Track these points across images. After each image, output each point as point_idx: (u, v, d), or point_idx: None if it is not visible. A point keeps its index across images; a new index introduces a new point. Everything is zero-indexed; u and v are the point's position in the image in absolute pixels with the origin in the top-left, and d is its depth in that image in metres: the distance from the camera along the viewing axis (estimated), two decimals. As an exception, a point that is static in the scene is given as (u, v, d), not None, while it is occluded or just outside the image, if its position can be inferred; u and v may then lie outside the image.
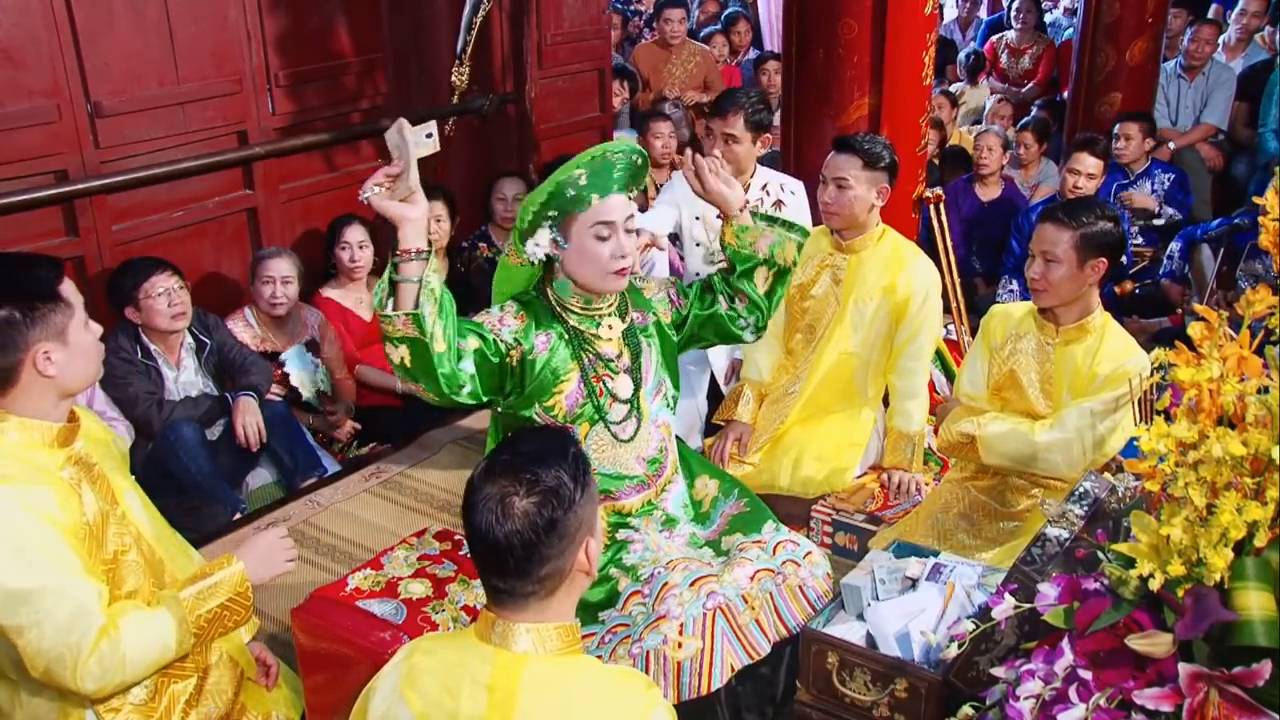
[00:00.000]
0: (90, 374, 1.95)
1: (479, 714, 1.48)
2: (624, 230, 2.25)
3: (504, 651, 1.50)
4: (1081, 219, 2.63)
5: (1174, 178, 5.27)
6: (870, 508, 3.13)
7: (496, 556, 1.48)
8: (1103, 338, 2.70)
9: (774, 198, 3.56)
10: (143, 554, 1.96)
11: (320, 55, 4.20)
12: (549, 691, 1.49)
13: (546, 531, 1.47)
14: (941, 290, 3.29)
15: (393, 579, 2.19)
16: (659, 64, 6.56)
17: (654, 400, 2.43)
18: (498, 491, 1.48)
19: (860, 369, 3.23)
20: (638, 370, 2.40)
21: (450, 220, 4.40)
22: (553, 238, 2.23)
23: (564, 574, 1.52)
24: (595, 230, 2.22)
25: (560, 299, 2.33)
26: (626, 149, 2.25)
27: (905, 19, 3.77)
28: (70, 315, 1.86)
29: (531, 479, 1.48)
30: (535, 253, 2.24)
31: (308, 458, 3.62)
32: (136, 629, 1.80)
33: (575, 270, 2.28)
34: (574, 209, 2.21)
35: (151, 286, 3.35)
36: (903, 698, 2.04)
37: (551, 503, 1.48)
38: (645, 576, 2.25)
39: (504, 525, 1.46)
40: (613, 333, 2.37)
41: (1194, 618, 1.45)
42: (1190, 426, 1.52)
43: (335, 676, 2.12)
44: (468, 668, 1.51)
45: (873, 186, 3.08)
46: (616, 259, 2.24)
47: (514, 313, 2.28)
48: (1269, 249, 1.62)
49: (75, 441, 1.92)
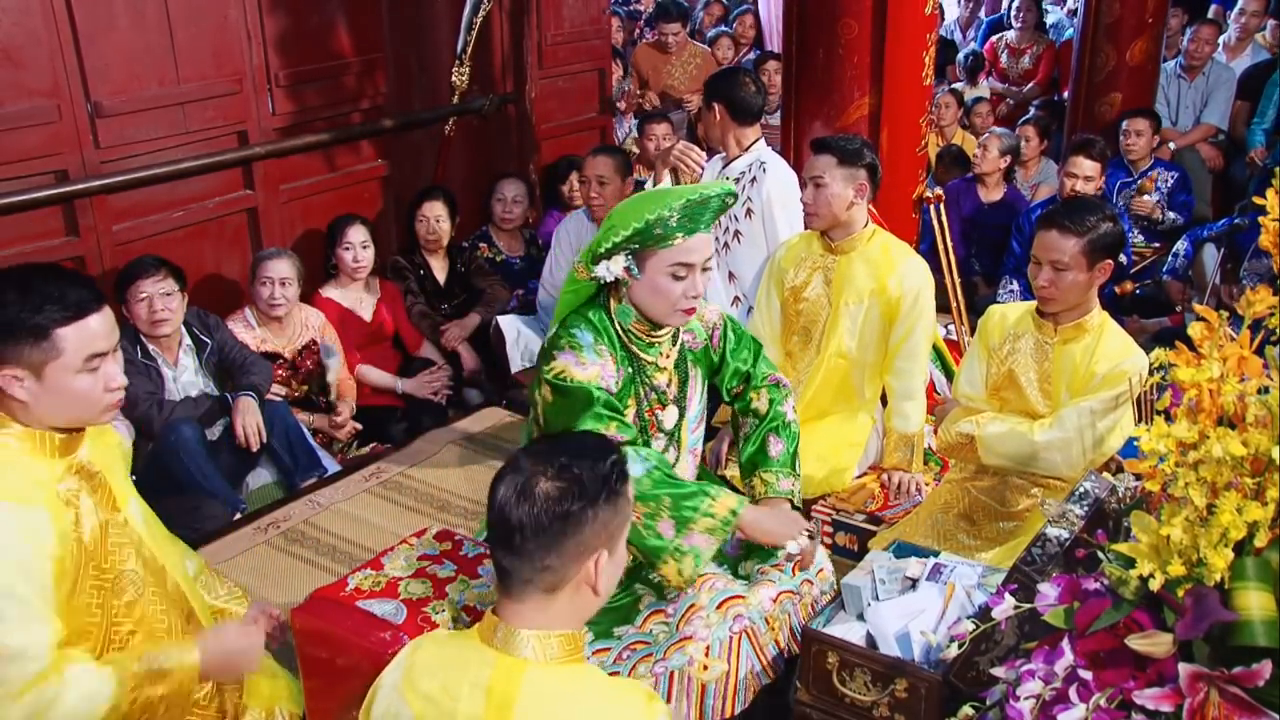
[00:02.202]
0: (74, 417, 1.83)
1: (477, 716, 1.47)
2: (700, 269, 2.23)
3: (505, 655, 1.49)
4: (1086, 223, 2.61)
5: (1177, 176, 5.27)
6: (870, 508, 3.13)
7: (506, 531, 1.48)
8: (1100, 337, 2.70)
9: (752, 175, 3.57)
10: (144, 561, 1.95)
11: (320, 55, 4.20)
12: (548, 699, 1.48)
13: (559, 520, 1.46)
14: (940, 290, 3.29)
15: (393, 579, 2.19)
16: (659, 65, 6.56)
17: (694, 430, 2.44)
18: (528, 469, 1.49)
19: (856, 371, 3.23)
20: (683, 399, 2.39)
21: (450, 220, 4.41)
22: (627, 265, 2.20)
23: (567, 577, 1.50)
24: (673, 269, 2.20)
25: (622, 324, 2.30)
26: (721, 191, 2.22)
27: (905, 19, 3.77)
28: (54, 357, 1.76)
29: (562, 467, 1.49)
30: (604, 275, 2.21)
31: (308, 458, 3.62)
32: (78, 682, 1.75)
33: (642, 300, 2.25)
34: (656, 244, 2.18)
35: (135, 290, 3.33)
36: (903, 698, 2.04)
37: (572, 494, 1.47)
38: (671, 595, 2.23)
39: (521, 503, 1.47)
40: (667, 361, 2.35)
41: (1194, 618, 1.44)
42: (1190, 427, 1.51)
43: (335, 676, 2.12)
44: (468, 669, 1.50)
45: (849, 183, 3.07)
46: (688, 298, 2.23)
47: (608, 353, 2.24)
48: (1269, 249, 1.62)
49: (79, 449, 1.88)
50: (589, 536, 1.48)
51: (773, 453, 2.51)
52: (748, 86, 3.56)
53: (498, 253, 4.72)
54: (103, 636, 1.87)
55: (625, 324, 2.29)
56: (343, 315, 4.11)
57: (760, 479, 2.49)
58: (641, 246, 2.18)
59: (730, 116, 3.55)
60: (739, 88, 3.55)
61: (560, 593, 1.50)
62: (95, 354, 1.81)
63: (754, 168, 3.55)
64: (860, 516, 3.09)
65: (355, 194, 4.50)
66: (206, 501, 3.31)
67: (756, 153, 3.57)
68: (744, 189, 3.56)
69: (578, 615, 1.55)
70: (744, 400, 2.57)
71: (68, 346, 1.77)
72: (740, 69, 3.96)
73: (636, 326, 2.29)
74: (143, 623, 1.93)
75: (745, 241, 3.60)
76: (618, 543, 1.55)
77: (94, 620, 1.85)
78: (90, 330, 1.79)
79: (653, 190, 2.32)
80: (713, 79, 3.76)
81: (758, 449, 2.53)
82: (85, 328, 1.78)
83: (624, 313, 2.29)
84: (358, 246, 4.08)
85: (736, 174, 3.58)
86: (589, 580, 1.51)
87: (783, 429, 2.52)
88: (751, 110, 3.56)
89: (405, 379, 4.17)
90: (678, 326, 2.34)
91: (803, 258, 3.24)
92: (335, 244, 4.10)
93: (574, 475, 1.48)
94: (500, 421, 4.09)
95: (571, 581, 1.50)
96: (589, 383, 2.18)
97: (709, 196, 2.19)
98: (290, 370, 3.84)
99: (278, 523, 3.40)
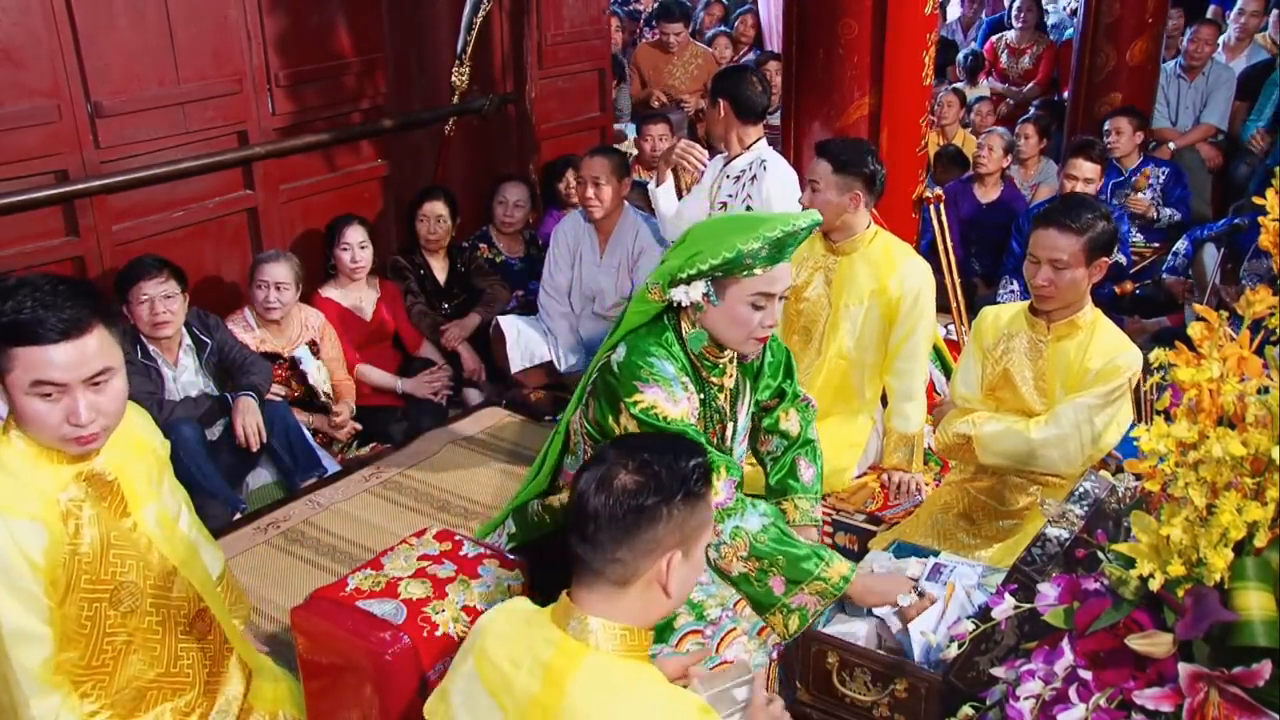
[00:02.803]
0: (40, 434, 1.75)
1: (532, 691, 1.51)
2: (779, 298, 2.23)
3: (570, 639, 1.53)
4: (1084, 220, 2.62)
5: (1168, 172, 5.27)
6: (870, 508, 3.13)
7: (582, 520, 1.54)
8: (1094, 333, 2.70)
9: (752, 173, 3.58)
10: (148, 568, 1.93)
11: (320, 55, 4.20)
12: (601, 686, 1.50)
13: (633, 514, 1.50)
14: (940, 290, 3.29)
15: (393, 579, 2.18)
16: (660, 64, 6.56)
17: (741, 443, 2.44)
18: (611, 460, 1.55)
19: (856, 371, 3.23)
20: (734, 415, 2.39)
21: (451, 220, 4.41)
22: (705, 292, 2.19)
23: (638, 572, 1.53)
24: (754, 299, 2.18)
25: (692, 348, 2.28)
26: (809, 223, 2.20)
27: (905, 19, 3.77)
28: (8, 369, 1.70)
29: (643, 462, 1.54)
30: (682, 300, 2.19)
31: (308, 458, 3.62)
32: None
33: (717, 327, 2.24)
34: (739, 273, 2.16)
35: (137, 292, 3.33)
36: (903, 698, 2.04)
37: (648, 489, 1.51)
38: (712, 618, 2.23)
39: (598, 493, 1.52)
40: (730, 381, 2.35)
41: (1194, 618, 1.44)
42: (1190, 426, 1.51)
43: (335, 676, 2.12)
44: (533, 645, 1.55)
45: (844, 192, 3.07)
46: (764, 326, 2.22)
47: (687, 385, 2.22)
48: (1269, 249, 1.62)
49: (93, 458, 1.84)
50: (662, 534, 1.52)
51: (805, 478, 2.55)
52: (754, 85, 3.58)
53: (498, 253, 4.72)
54: (94, 646, 1.86)
55: (696, 349, 2.28)
56: (343, 315, 4.11)
57: (794, 505, 2.52)
58: (725, 274, 2.17)
59: (734, 114, 3.57)
60: (745, 86, 3.57)
61: (631, 588, 1.54)
62: (45, 381, 1.70)
63: (754, 166, 3.57)
64: (860, 516, 3.09)
65: (355, 194, 4.50)
66: (206, 501, 3.30)
67: (758, 151, 3.59)
68: (744, 187, 3.58)
69: (647, 614, 1.57)
70: (772, 417, 2.57)
71: (17, 365, 1.70)
72: (747, 67, 3.98)
73: (707, 350, 2.28)
74: (138, 634, 1.93)
75: None
76: (693, 547, 1.58)
77: (84, 630, 1.84)
78: (43, 358, 1.68)
79: (740, 216, 2.32)
80: (720, 75, 3.81)
81: (788, 473, 2.56)
82: (40, 353, 1.68)
83: (697, 338, 2.27)
84: (355, 247, 4.08)
85: (737, 172, 3.60)
86: (660, 579, 1.55)
87: (812, 454, 2.56)
88: (756, 109, 3.59)
89: (405, 379, 4.17)
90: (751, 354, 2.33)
91: (805, 257, 3.24)
92: (334, 244, 4.10)
93: (653, 471, 1.53)
94: (500, 421, 4.09)
95: (643, 578, 1.54)
96: (682, 420, 2.16)
97: (800, 229, 2.17)
98: (290, 370, 3.84)
99: (278, 523, 3.41)
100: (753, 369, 2.48)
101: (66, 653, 1.83)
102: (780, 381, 2.54)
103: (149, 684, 1.97)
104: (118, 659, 1.91)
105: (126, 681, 1.93)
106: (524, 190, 4.73)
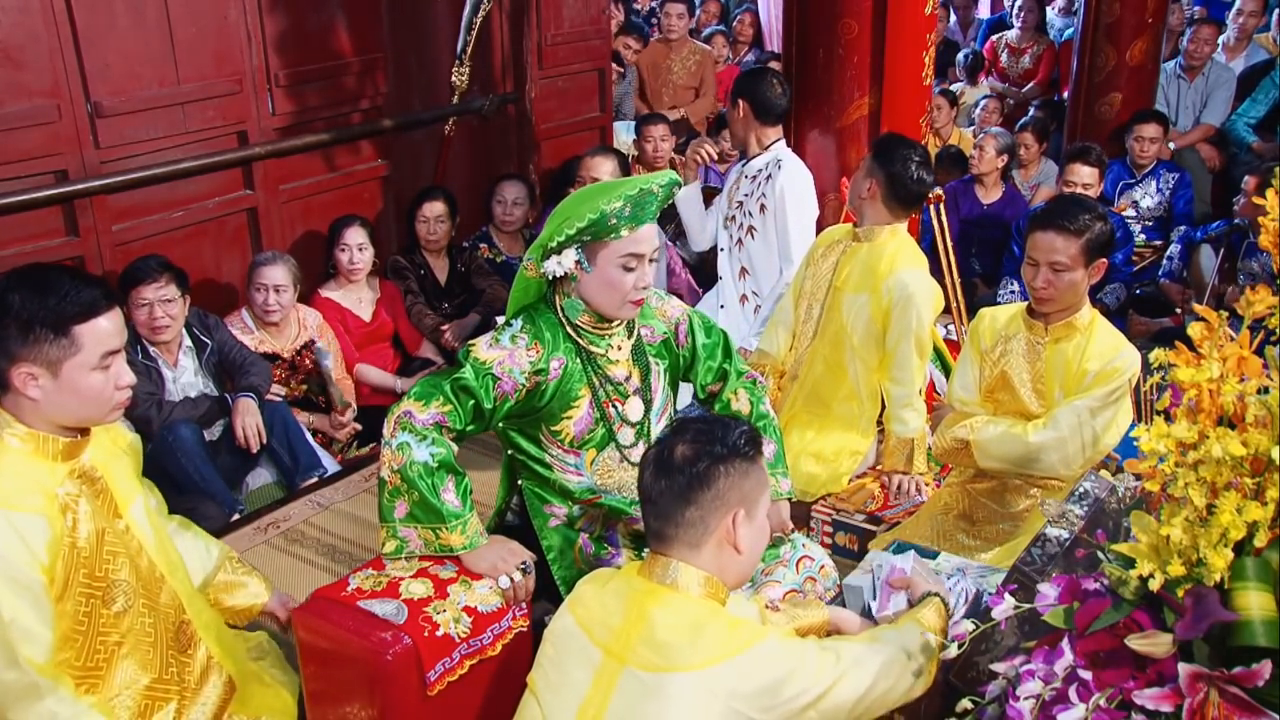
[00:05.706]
0: (84, 415, 1.86)
1: (616, 624, 1.68)
2: (649, 260, 2.24)
3: (654, 583, 1.69)
4: (1082, 222, 2.61)
5: (1179, 177, 5.27)
6: (870, 508, 3.14)
7: (652, 493, 1.71)
8: (1091, 335, 2.70)
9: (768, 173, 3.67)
10: (138, 571, 1.94)
11: (320, 55, 4.19)
12: (679, 615, 1.65)
13: (695, 478, 1.67)
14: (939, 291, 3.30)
15: (394, 579, 2.18)
16: (659, 60, 6.57)
17: (659, 421, 2.43)
18: (668, 442, 1.72)
19: (852, 362, 3.23)
20: (647, 391, 2.39)
21: (450, 220, 4.41)
22: (577, 260, 2.21)
23: (709, 530, 1.68)
24: (624, 261, 2.20)
25: (569, 318, 2.30)
26: (668, 181, 2.22)
27: (905, 19, 3.78)
28: (72, 354, 1.78)
29: (696, 433, 1.72)
30: (554, 270, 2.21)
31: (308, 458, 3.61)
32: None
33: (592, 294, 2.25)
34: (606, 236, 2.18)
35: (137, 295, 3.32)
36: (903, 698, 2.04)
37: (705, 454, 1.68)
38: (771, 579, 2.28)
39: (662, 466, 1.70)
40: (621, 353, 2.35)
41: (1194, 618, 1.44)
42: (1190, 427, 1.51)
43: (336, 676, 2.12)
44: (620, 589, 1.72)
45: (866, 178, 3.18)
46: (638, 289, 2.23)
47: (526, 344, 2.24)
48: (1269, 249, 1.62)
49: (82, 454, 1.88)
50: (725, 490, 1.68)
51: (766, 454, 2.52)
52: (774, 87, 3.69)
53: (498, 253, 4.72)
54: (88, 646, 1.87)
55: (574, 318, 2.29)
56: (342, 315, 4.11)
57: None
58: (593, 239, 2.19)
59: (754, 114, 3.68)
60: (765, 87, 3.68)
61: (704, 548, 1.69)
62: (110, 351, 1.84)
63: (770, 165, 3.68)
64: (860, 516, 3.10)
65: (355, 194, 4.50)
66: (204, 502, 3.30)
67: (775, 151, 3.70)
68: (759, 185, 3.69)
69: (724, 572, 1.72)
70: (722, 400, 2.56)
71: (86, 343, 1.80)
72: (769, 70, 4.02)
73: (585, 320, 2.30)
74: (130, 634, 1.93)
75: (759, 238, 3.74)
76: (756, 506, 1.73)
77: (80, 628, 1.85)
78: (104, 328, 1.83)
79: (603, 183, 2.34)
80: (742, 76, 3.91)
81: None
82: (101, 325, 1.82)
83: (572, 307, 2.29)
84: (354, 249, 4.08)
85: (754, 171, 3.72)
86: (729, 538, 1.69)
87: (769, 428, 2.53)
88: (774, 110, 3.69)
89: (405, 379, 4.17)
90: (628, 319, 2.34)
91: (835, 240, 3.33)
92: (334, 245, 4.10)
93: (707, 438, 1.70)
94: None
95: (713, 537, 1.69)
96: (487, 364, 2.19)
97: (659, 185, 2.20)
98: (289, 370, 3.84)
99: (278, 523, 3.41)
100: (671, 351, 2.46)
101: (63, 653, 1.83)
102: (721, 362, 2.53)
103: (143, 693, 1.96)
104: (110, 660, 1.91)
105: (121, 688, 1.93)
106: (522, 188, 4.73)
